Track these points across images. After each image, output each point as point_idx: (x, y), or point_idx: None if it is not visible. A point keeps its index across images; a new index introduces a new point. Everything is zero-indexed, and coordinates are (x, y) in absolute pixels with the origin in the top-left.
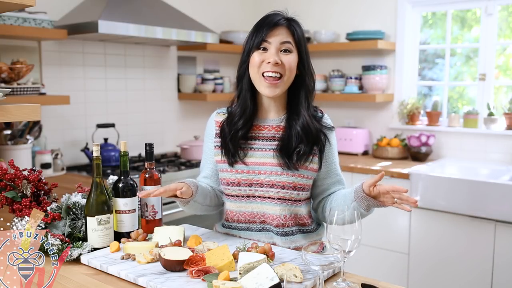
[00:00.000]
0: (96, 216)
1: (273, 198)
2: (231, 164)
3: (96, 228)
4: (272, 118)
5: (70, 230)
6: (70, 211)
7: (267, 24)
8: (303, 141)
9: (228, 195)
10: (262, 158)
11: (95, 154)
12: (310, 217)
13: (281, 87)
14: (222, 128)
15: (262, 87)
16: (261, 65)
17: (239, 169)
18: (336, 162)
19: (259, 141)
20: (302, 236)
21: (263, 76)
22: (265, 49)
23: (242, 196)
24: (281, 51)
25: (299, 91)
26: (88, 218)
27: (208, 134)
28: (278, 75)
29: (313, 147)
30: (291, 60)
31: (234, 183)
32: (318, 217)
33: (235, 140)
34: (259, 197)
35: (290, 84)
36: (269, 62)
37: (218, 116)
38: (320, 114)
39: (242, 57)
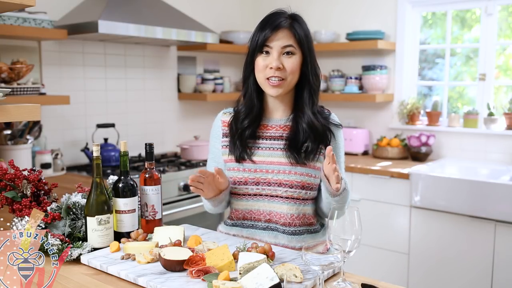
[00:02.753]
0: (96, 216)
1: (281, 197)
2: (239, 161)
3: (96, 228)
4: (280, 118)
5: (70, 230)
6: (70, 211)
7: (269, 26)
8: (310, 138)
9: (235, 194)
10: (270, 157)
11: (95, 154)
12: (315, 217)
13: (284, 87)
14: (230, 127)
15: (267, 88)
16: (265, 70)
17: (246, 168)
18: (341, 161)
19: (266, 140)
20: (310, 236)
21: (268, 79)
22: (268, 52)
23: (249, 195)
24: (283, 54)
25: (303, 90)
26: (88, 218)
27: (215, 134)
28: (281, 79)
29: (319, 145)
30: (293, 63)
31: (241, 182)
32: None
33: (242, 139)
34: (266, 195)
35: (296, 83)
36: (272, 67)
37: (224, 116)
38: (327, 112)
39: (247, 58)
